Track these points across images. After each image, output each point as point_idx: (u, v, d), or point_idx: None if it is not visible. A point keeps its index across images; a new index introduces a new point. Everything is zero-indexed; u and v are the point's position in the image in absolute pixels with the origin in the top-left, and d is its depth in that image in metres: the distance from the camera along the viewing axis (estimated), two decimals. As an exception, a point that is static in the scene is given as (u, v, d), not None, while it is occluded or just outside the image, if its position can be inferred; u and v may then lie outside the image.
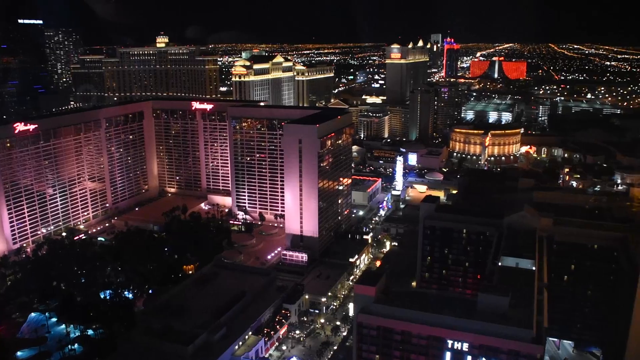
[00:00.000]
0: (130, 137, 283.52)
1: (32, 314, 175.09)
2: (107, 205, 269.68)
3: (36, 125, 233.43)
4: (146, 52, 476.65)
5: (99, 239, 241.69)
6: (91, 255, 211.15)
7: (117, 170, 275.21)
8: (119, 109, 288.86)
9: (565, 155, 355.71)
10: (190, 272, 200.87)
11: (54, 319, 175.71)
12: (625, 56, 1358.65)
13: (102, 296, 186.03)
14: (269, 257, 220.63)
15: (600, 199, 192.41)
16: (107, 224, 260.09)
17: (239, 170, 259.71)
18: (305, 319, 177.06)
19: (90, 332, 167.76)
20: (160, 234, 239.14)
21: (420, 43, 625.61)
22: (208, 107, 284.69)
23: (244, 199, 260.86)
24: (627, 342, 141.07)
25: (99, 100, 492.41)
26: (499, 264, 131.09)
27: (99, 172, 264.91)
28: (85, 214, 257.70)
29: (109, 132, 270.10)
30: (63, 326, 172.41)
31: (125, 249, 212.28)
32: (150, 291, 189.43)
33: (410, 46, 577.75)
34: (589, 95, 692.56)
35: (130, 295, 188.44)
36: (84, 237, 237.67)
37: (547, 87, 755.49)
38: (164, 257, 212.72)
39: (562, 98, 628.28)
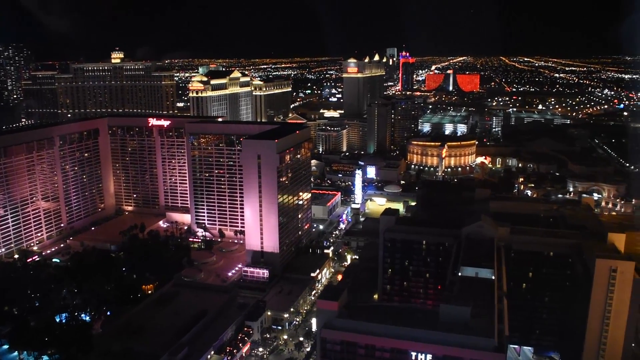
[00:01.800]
0: (86, 155, 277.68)
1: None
2: (62, 225, 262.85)
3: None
4: (101, 68, 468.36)
5: (53, 260, 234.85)
6: (45, 278, 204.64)
7: (72, 189, 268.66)
8: (73, 126, 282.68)
9: (519, 165, 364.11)
10: (150, 291, 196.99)
11: (6, 346, 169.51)
12: (573, 68, 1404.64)
13: (57, 320, 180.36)
14: (229, 274, 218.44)
15: (554, 207, 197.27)
16: (62, 245, 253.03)
17: (197, 187, 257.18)
18: (268, 336, 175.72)
19: (45, 358, 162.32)
20: (118, 253, 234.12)
21: (377, 57, 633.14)
22: (165, 123, 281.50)
23: (203, 216, 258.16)
24: (584, 344, 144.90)
25: (52, 118, 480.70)
26: (459, 274, 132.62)
27: (52, 192, 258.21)
28: (39, 234, 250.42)
29: (63, 150, 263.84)
30: (16, 353, 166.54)
31: (81, 270, 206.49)
32: (108, 313, 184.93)
33: (366, 60, 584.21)
34: (540, 106, 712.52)
35: (88, 318, 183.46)
36: (37, 259, 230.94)
37: (500, 99, 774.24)
38: (121, 277, 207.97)
39: (515, 109, 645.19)
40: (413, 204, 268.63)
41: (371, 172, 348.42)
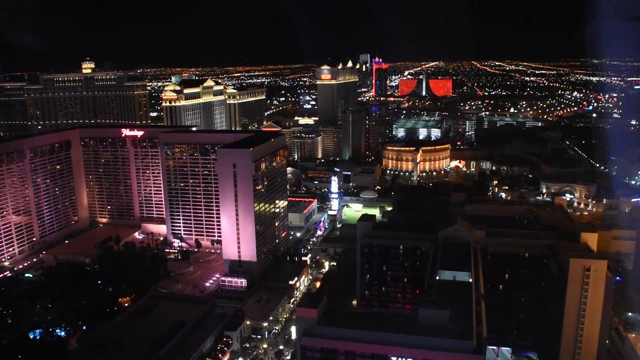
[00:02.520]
0: (57, 167, 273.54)
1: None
2: (34, 239, 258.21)
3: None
4: (71, 79, 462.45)
5: (26, 275, 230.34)
6: (18, 293, 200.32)
7: (44, 202, 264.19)
8: (44, 138, 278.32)
9: (493, 167, 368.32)
10: (126, 304, 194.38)
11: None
12: (543, 71, 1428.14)
13: (32, 336, 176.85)
14: (207, 284, 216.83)
15: (529, 209, 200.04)
16: (34, 259, 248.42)
17: (172, 197, 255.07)
18: (248, 346, 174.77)
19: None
20: (93, 266, 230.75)
21: (350, 64, 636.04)
22: (138, 133, 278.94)
23: (179, 226, 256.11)
24: (561, 342, 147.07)
25: (22, 130, 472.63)
26: (437, 277, 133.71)
27: (24, 205, 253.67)
28: (10, 249, 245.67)
29: (34, 163, 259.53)
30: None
31: (55, 285, 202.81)
32: (84, 327, 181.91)
33: (339, 67, 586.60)
34: (511, 110, 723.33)
35: (63, 333, 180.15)
36: (9, 275, 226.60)
37: (473, 103, 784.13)
38: (97, 291, 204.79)
39: (487, 113, 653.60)
40: (389, 209, 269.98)
41: (347, 178, 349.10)
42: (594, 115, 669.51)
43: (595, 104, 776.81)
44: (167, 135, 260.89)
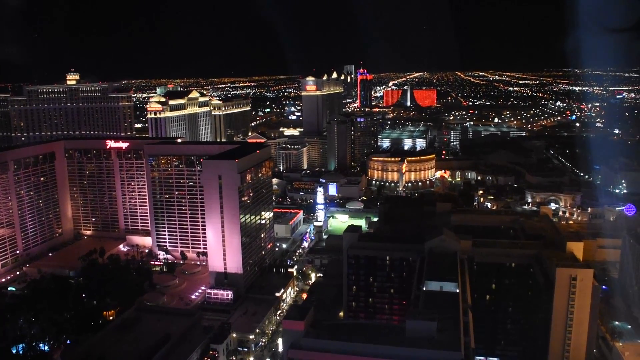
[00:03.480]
0: (42, 179, 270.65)
1: None
2: (18, 252, 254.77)
3: None
4: (56, 90, 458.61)
5: (9, 289, 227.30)
6: (0, 307, 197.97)
7: (27, 215, 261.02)
8: (28, 149, 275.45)
9: (478, 177, 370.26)
10: (111, 317, 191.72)
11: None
12: (526, 81, 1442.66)
13: (14, 351, 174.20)
14: (193, 296, 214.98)
15: (516, 218, 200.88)
16: (18, 272, 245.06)
17: (158, 208, 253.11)
18: (234, 359, 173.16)
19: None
20: (77, 279, 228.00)
21: (335, 75, 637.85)
22: (123, 145, 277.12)
23: (165, 238, 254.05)
24: (548, 351, 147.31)
25: (5, 141, 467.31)
26: (424, 288, 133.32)
27: (7, 218, 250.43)
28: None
29: (17, 175, 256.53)
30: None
31: (38, 298, 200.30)
32: (68, 341, 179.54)
33: (324, 78, 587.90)
34: (496, 120, 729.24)
35: (46, 348, 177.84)
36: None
37: (457, 113, 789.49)
38: (81, 304, 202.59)
39: (472, 123, 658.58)
40: (375, 219, 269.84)
41: (332, 189, 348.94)
42: (577, 124, 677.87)
43: (579, 114, 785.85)
44: (153, 147, 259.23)
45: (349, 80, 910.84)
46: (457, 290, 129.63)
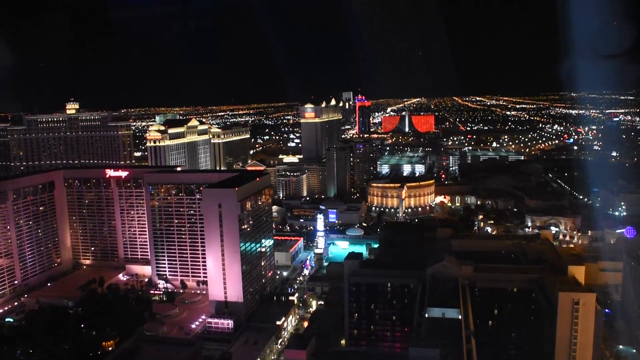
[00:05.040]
0: (41, 208, 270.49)
1: None
2: (16, 282, 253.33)
3: None
4: (55, 119, 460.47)
5: (6, 319, 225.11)
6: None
7: (26, 245, 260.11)
8: (27, 179, 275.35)
9: (478, 202, 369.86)
10: (110, 348, 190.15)
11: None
12: (523, 106, 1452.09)
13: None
14: (193, 326, 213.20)
15: (518, 242, 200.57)
16: (16, 303, 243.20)
17: (157, 237, 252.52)
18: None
19: None
20: (76, 309, 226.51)
21: (333, 102, 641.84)
22: (123, 174, 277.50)
23: (165, 267, 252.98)
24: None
25: (5, 171, 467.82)
26: (426, 315, 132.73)
27: (6, 248, 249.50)
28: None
29: (17, 205, 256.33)
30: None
31: (36, 329, 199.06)
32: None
33: (323, 105, 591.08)
34: (494, 144, 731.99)
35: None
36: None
37: (455, 138, 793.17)
38: (80, 335, 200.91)
39: (470, 148, 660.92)
40: (376, 246, 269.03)
41: (332, 216, 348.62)
42: (575, 147, 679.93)
43: (576, 137, 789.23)
44: (152, 176, 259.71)
45: (347, 106, 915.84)
46: (460, 317, 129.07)
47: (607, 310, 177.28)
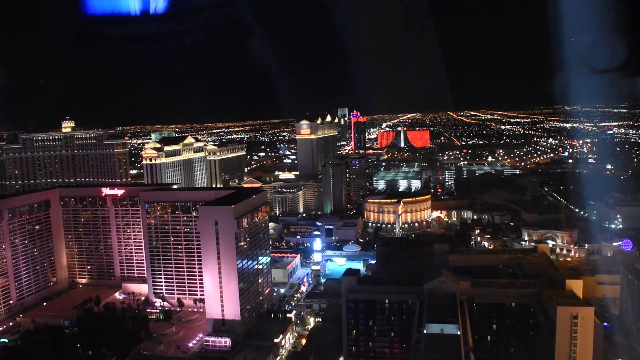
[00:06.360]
0: (36, 227, 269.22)
1: None
2: (11, 302, 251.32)
3: None
4: (51, 138, 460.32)
5: (1, 340, 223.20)
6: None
7: (22, 264, 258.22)
8: (22, 198, 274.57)
9: (475, 216, 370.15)
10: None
11: None
12: (518, 120, 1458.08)
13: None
14: (190, 344, 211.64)
15: (512, 257, 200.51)
16: (11, 323, 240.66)
17: (154, 256, 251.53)
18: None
19: None
20: (72, 329, 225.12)
21: (328, 118, 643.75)
22: (119, 192, 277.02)
23: (161, 286, 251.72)
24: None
25: (0, 190, 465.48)
26: (424, 331, 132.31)
27: (1, 267, 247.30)
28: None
29: (12, 224, 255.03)
30: None
31: (32, 350, 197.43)
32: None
33: (319, 121, 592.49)
34: (489, 158, 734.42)
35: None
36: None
37: (451, 153, 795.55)
38: (76, 355, 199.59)
39: (466, 162, 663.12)
40: (373, 262, 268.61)
41: (329, 232, 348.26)
42: (570, 161, 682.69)
43: (571, 150, 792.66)
44: (148, 194, 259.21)
45: (342, 123, 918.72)
46: (458, 332, 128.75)
47: (605, 323, 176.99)
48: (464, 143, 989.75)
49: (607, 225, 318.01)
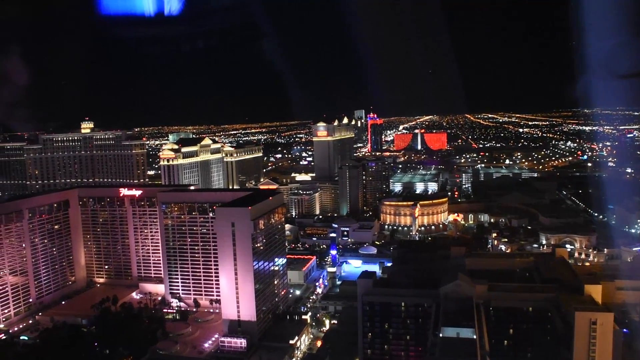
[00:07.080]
0: (56, 227, 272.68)
1: None
2: (31, 300, 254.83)
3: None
4: (71, 138, 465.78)
5: (21, 338, 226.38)
6: (12, 357, 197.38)
7: (41, 263, 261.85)
8: (42, 198, 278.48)
9: (492, 220, 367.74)
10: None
11: None
12: (536, 122, 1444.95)
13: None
14: (206, 345, 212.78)
15: (529, 261, 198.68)
16: (30, 321, 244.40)
17: (171, 256, 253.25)
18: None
19: None
20: (90, 328, 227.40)
21: (345, 120, 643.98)
22: (137, 193, 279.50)
23: (178, 286, 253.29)
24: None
25: (21, 189, 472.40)
26: (440, 335, 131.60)
27: (21, 266, 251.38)
28: (6, 311, 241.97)
29: (32, 223, 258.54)
30: None
31: (51, 347, 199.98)
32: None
33: (335, 124, 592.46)
34: (507, 161, 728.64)
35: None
36: (4, 337, 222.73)
37: (468, 156, 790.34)
38: (93, 354, 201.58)
39: (483, 165, 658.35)
40: (389, 264, 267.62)
41: (345, 234, 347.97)
42: (589, 164, 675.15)
43: (590, 153, 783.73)
44: (166, 195, 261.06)
45: (359, 125, 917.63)
46: (474, 336, 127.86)
47: (625, 330, 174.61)
48: (481, 146, 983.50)
49: (627, 230, 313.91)
